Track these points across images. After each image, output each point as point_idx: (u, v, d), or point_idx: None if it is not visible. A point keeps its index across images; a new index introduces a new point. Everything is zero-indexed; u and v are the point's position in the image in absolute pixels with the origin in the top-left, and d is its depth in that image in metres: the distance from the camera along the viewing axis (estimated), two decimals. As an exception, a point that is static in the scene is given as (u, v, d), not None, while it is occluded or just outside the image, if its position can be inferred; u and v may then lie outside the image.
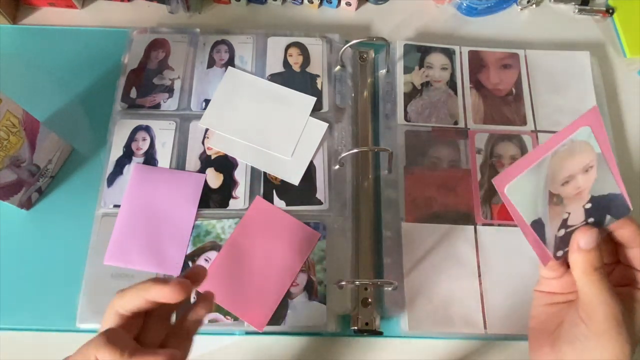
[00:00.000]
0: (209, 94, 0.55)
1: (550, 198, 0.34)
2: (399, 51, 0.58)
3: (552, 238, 0.34)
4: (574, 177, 0.33)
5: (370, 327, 0.46)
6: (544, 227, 0.34)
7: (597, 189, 0.34)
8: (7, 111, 0.43)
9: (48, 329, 0.47)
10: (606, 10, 0.63)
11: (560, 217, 0.34)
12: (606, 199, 0.34)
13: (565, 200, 0.34)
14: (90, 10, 0.62)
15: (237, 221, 0.49)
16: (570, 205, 0.34)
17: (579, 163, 0.33)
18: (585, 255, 0.33)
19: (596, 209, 0.34)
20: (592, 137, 0.32)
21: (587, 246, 0.33)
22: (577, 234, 0.34)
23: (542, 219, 0.34)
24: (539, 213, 0.34)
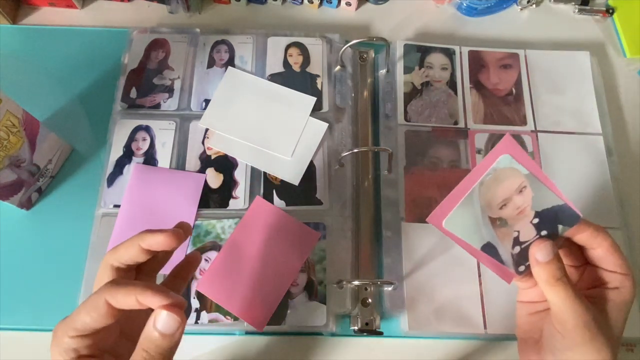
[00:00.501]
0: (209, 94, 0.55)
1: (493, 222, 0.35)
2: (399, 51, 0.58)
3: (509, 256, 0.35)
4: (510, 199, 0.34)
5: (370, 327, 0.46)
6: (496, 248, 0.35)
7: (539, 204, 0.34)
8: (7, 111, 0.43)
9: (48, 329, 0.46)
10: (606, 10, 0.63)
11: (510, 236, 0.35)
12: (552, 211, 0.34)
13: (509, 221, 0.35)
14: (90, 10, 0.62)
15: (237, 221, 0.49)
16: (516, 224, 0.35)
17: (509, 187, 0.34)
18: (545, 267, 0.33)
19: (545, 222, 0.34)
20: (514, 162, 0.33)
21: (545, 259, 0.33)
22: (532, 248, 0.34)
23: (492, 242, 0.35)
24: (487, 237, 0.35)
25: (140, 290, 0.29)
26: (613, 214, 0.51)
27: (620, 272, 0.34)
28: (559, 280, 0.33)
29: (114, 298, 0.29)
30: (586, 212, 0.51)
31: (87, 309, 0.30)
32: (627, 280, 0.34)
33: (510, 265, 0.35)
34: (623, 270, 0.34)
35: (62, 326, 0.31)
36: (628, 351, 0.48)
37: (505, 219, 0.35)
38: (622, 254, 0.35)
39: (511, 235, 0.35)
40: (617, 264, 0.34)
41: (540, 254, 0.34)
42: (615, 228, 0.51)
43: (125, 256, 0.33)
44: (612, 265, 0.35)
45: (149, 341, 0.29)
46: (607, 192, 0.52)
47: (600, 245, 0.34)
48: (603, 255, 0.35)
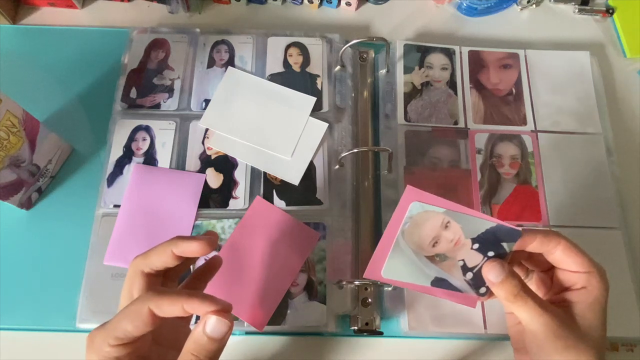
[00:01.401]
0: (209, 94, 0.55)
1: (432, 259, 0.36)
2: (399, 51, 0.58)
3: (464, 283, 0.36)
4: (439, 236, 0.35)
5: (370, 327, 0.46)
6: (447, 280, 0.36)
7: (471, 232, 0.35)
8: (7, 111, 0.43)
9: (48, 329, 0.47)
10: (606, 10, 0.63)
11: (456, 266, 0.36)
12: (489, 233, 0.35)
13: (448, 254, 0.35)
14: (90, 10, 0.62)
15: (237, 221, 0.49)
16: (456, 254, 0.35)
17: (432, 227, 0.35)
18: (500, 286, 0.34)
19: (486, 245, 0.35)
20: (426, 206, 0.34)
21: (497, 279, 0.34)
22: (484, 271, 0.35)
23: (439, 276, 0.36)
24: (432, 273, 0.36)
25: (186, 298, 0.29)
26: (613, 214, 0.51)
27: (583, 271, 0.34)
28: (517, 295, 0.33)
29: (158, 307, 0.30)
30: (586, 212, 0.51)
31: (130, 317, 0.30)
32: (592, 278, 0.34)
33: (470, 291, 0.36)
34: (585, 268, 0.34)
35: (101, 334, 0.31)
36: (628, 351, 0.48)
37: (442, 253, 0.35)
38: (582, 252, 0.35)
39: (457, 265, 0.36)
40: (577, 262, 0.34)
41: (492, 275, 0.34)
42: (615, 228, 0.51)
43: (157, 262, 0.33)
44: (573, 266, 0.34)
45: (199, 345, 0.29)
46: (607, 192, 0.52)
47: (555, 249, 0.34)
48: (561, 257, 0.35)
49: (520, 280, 0.34)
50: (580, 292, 0.34)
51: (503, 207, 0.51)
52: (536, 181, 0.52)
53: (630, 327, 0.47)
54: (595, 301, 0.34)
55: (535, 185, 0.52)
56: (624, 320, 0.47)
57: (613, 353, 0.48)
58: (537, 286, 0.38)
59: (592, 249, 0.50)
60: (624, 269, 0.49)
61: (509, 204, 0.51)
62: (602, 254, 0.49)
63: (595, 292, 0.34)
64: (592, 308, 0.34)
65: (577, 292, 0.34)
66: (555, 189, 0.52)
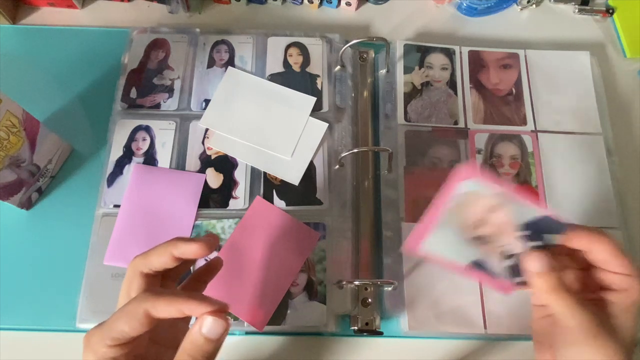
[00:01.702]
0: (209, 94, 0.55)
1: (475, 241, 0.35)
2: (399, 51, 0.58)
3: (503, 270, 0.35)
4: (484, 219, 0.34)
5: (370, 327, 0.46)
6: (486, 264, 0.35)
7: (519, 218, 0.34)
8: (7, 111, 0.43)
9: (48, 329, 0.47)
10: (606, 10, 0.63)
11: (497, 251, 0.35)
12: (536, 222, 0.34)
13: (492, 237, 0.35)
14: (90, 10, 0.62)
15: (237, 221, 0.49)
16: (500, 239, 0.35)
17: (481, 209, 0.34)
18: (540, 278, 0.33)
19: (532, 234, 0.34)
20: (480, 185, 0.34)
21: (538, 270, 0.33)
22: (525, 261, 0.34)
23: (479, 259, 0.35)
24: (472, 255, 0.35)
25: (183, 300, 0.29)
26: (613, 214, 0.51)
27: (625, 274, 0.34)
28: (556, 289, 0.33)
29: (154, 308, 0.30)
30: (586, 212, 0.51)
31: (125, 318, 0.30)
32: (634, 282, 0.33)
33: (507, 277, 0.35)
34: (628, 271, 0.34)
35: (97, 334, 0.31)
36: (628, 351, 0.48)
37: (486, 236, 0.35)
38: (626, 254, 0.34)
39: (498, 250, 0.35)
40: (620, 265, 0.34)
41: (533, 266, 0.34)
42: (615, 228, 0.51)
43: (157, 263, 0.33)
44: (616, 267, 0.34)
45: (195, 346, 0.29)
46: (607, 192, 0.52)
47: (600, 249, 0.34)
48: (605, 258, 0.34)
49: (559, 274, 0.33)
50: (620, 294, 0.34)
51: (503, 207, 0.51)
52: (536, 181, 0.52)
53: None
54: (633, 304, 0.34)
55: (535, 185, 0.52)
56: (624, 320, 0.47)
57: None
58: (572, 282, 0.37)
59: (592, 249, 0.50)
60: (624, 269, 0.49)
61: (509, 204, 0.51)
62: (602, 254, 0.50)
63: (635, 295, 0.33)
64: (629, 310, 0.34)
65: (617, 293, 0.34)
66: (555, 189, 0.52)
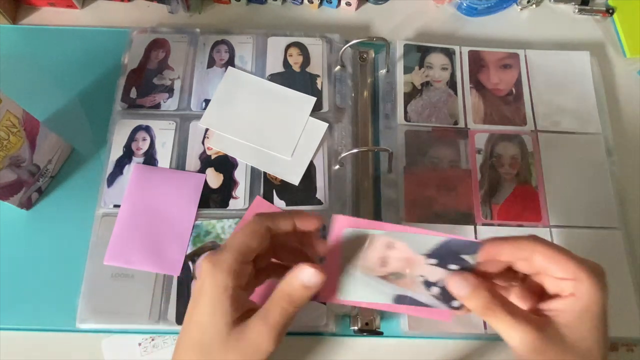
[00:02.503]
0: (209, 94, 0.55)
1: (387, 278, 0.34)
2: (399, 51, 0.58)
3: (431, 298, 0.34)
4: (386, 257, 0.34)
5: (370, 327, 0.46)
6: (411, 296, 0.34)
7: (422, 248, 0.33)
8: (7, 111, 0.43)
9: (48, 329, 0.47)
10: (606, 10, 0.63)
11: (416, 282, 0.34)
12: (443, 248, 0.33)
13: (404, 271, 0.34)
14: (90, 10, 0.62)
15: (237, 221, 0.49)
16: (412, 271, 0.34)
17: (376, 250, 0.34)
18: (468, 299, 0.32)
19: (444, 259, 0.33)
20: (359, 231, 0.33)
21: (462, 292, 0.32)
22: (448, 286, 0.33)
23: (401, 292, 0.34)
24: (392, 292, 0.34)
25: (297, 215, 0.35)
26: (613, 214, 0.51)
27: (568, 278, 0.31)
28: (488, 308, 0.31)
29: (274, 223, 0.34)
30: (586, 212, 0.51)
31: (251, 235, 0.34)
32: (581, 284, 0.30)
33: (441, 305, 0.34)
34: (570, 274, 0.30)
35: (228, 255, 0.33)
36: (628, 351, 0.48)
37: (396, 272, 0.34)
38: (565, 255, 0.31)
39: (417, 281, 0.34)
40: (560, 269, 0.31)
41: (455, 289, 0.33)
42: (615, 228, 0.51)
43: (283, 226, 0.35)
44: (557, 272, 0.31)
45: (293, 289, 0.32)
46: (607, 192, 0.52)
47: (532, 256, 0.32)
48: (542, 264, 0.31)
49: (491, 291, 0.32)
50: (568, 300, 0.31)
51: (503, 207, 0.51)
52: (536, 181, 0.53)
53: (630, 327, 0.47)
54: (585, 309, 0.30)
55: (535, 185, 0.52)
56: (624, 320, 0.47)
57: (613, 353, 0.48)
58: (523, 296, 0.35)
59: (592, 249, 0.50)
60: (624, 269, 0.49)
61: (509, 204, 0.51)
62: (602, 254, 0.49)
63: (585, 299, 0.30)
64: (581, 317, 0.30)
65: (564, 300, 0.31)
66: (555, 189, 0.52)
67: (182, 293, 0.47)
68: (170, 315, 0.46)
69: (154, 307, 0.46)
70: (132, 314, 0.46)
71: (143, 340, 0.47)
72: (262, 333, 0.31)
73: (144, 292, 0.47)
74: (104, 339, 0.47)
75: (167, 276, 0.47)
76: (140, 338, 0.47)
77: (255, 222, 0.34)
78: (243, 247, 0.33)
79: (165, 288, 0.47)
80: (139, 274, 0.47)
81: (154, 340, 0.47)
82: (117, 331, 0.47)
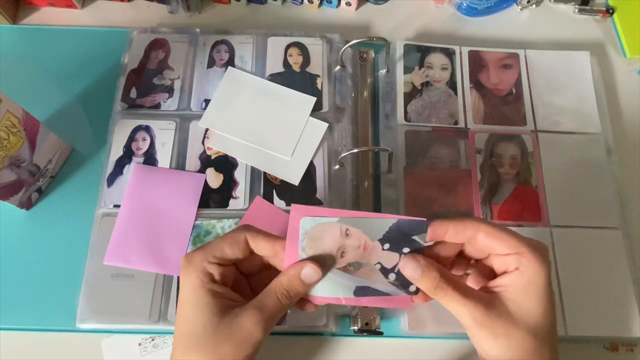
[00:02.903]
0: (209, 94, 0.55)
1: (346, 270, 0.35)
2: (399, 51, 0.58)
3: (390, 286, 0.35)
4: (343, 245, 0.34)
5: (370, 327, 0.46)
6: (371, 286, 0.35)
7: (376, 233, 0.34)
8: (7, 111, 0.43)
9: (48, 329, 0.47)
10: (606, 10, 0.63)
11: (374, 271, 0.35)
12: (394, 230, 0.34)
13: (361, 260, 0.34)
14: (90, 10, 0.62)
15: (237, 221, 0.49)
16: (370, 258, 0.34)
17: (333, 238, 0.34)
18: (420, 280, 0.33)
19: (397, 242, 0.34)
20: (317, 219, 0.34)
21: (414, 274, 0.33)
22: (401, 269, 0.34)
23: (361, 283, 0.35)
24: (352, 283, 0.35)
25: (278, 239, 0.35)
26: (613, 214, 0.51)
27: (511, 253, 0.32)
28: (437, 287, 0.33)
29: (253, 240, 0.35)
30: (586, 212, 0.51)
31: (228, 242, 0.34)
32: (523, 258, 0.32)
33: (399, 292, 0.35)
34: (513, 249, 0.32)
35: (201, 253, 0.34)
36: (628, 351, 0.48)
37: (354, 261, 0.34)
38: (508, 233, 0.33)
39: (375, 269, 0.35)
40: (503, 245, 0.33)
41: (408, 271, 0.34)
42: (615, 228, 0.51)
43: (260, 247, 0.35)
44: (501, 249, 0.33)
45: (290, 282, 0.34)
46: (607, 192, 0.52)
47: (476, 235, 0.33)
48: (486, 242, 0.33)
49: (440, 271, 0.33)
50: (512, 275, 0.32)
51: (503, 207, 0.51)
52: (536, 181, 0.53)
53: (630, 327, 0.47)
54: (529, 282, 0.32)
55: (535, 185, 0.52)
56: (624, 320, 0.47)
57: (613, 353, 0.48)
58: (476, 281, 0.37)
59: (592, 249, 0.50)
60: (624, 269, 0.49)
61: (509, 204, 0.51)
62: (602, 254, 0.50)
63: (528, 272, 0.32)
64: (525, 290, 0.32)
65: (510, 275, 0.33)
66: (555, 189, 0.52)
67: (182, 293, 0.47)
68: (170, 315, 0.46)
69: (154, 307, 0.46)
70: (132, 314, 0.46)
71: (143, 340, 0.47)
72: (255, 322, 0.32)
73: (144, 292, 0.47)
74: (104, 339, 0.47)
75: (167, 276, 0.47)
76: (140, 338, 0.47)
77: (237, 231, 0.35)
78: (217, 250, 0.34)
79: (165, 288, 0.47)
80: (139, 274, 0.47)
81: (154, 340, 0.47)
82: (117, 331, 0.47)
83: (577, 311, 0.47)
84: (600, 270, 0.49)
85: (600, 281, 0.48)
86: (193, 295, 0.33)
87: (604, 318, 0.47)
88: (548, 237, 0.50)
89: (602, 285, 0.48)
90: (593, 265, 0.49)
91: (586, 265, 0.49)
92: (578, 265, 0.49)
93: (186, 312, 0.33)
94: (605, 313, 0.47)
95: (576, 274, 0.48)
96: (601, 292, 0.48)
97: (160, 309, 0.46)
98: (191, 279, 0.33)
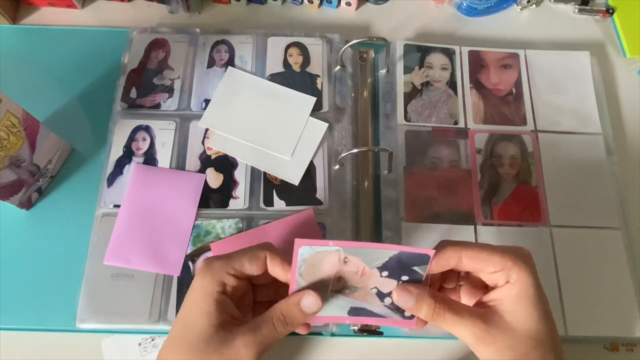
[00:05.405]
0: (209, 94, 0.55)
1: (343, 293, 0.35)
2: (399, 51, 0.58)
3: (385, 309, 0.35)
4: (341, 271, 0.34)
5: (370, 327, 0.46)
6: (366, 308, 0.35)
7: (375, 261, 0.34)
8: (7, 111, 0.43)
9: (48, 329, 0.47)
10: (606, 10, 0.63)
11: (370, 294, 0.35)
12: (394, 260, 0.33)
13: (357, 285, 0.35)
14: (90, 10, 0.62)
15: (237, 221, 0.49)
16: (366, 283, 0.35)
17: (330, 265, 0.34)
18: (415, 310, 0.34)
19: (397, 270, 0.34)
20: (315, 247, 0.33)
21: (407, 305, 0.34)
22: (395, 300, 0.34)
23: (356, 305, 0.35)
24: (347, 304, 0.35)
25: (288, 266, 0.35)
26: (613, 214, 0.51)
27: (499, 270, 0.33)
28: (435, 314, 0.33)
29: (271, 260, 0.35)
30: (586, 212, 0.51)
31: (249, 256, 0.35)
32: (511, 272, 0.33)
33: (395, 315, 0.35)
34: (498, 267, 0.33)
35: (222, 262, 0.35)
36: (628, 351, 0.48)
37: (350, 285, 0.35)
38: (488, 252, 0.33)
39: (371, 293, 0.35)
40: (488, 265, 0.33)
41: (401, 302, 0.34)
42: (615, 228, 0.51)
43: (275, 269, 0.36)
44: (488, 269, 0.34)
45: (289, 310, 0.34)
46: (607, 192, 0.52)
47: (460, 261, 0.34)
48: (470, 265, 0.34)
49: (434, 297, 0.33)
50: (504, 288, 0.33)
51: (503, 207, 0.51)
52: (536, 181, 0.53)
53: (630, 327, 0.47)
54: (521, 293, 0.32)
55: (535, 185, 0.52)
56: (624, 320, 0.47)
57: (613, 353, 0.48)
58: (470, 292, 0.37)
59: (592, 249, 0.50)
60: (624, 269, 0.49)
61: (509, 204, 0.51)
62: (602, 254, 0.50)
63: (518, 283, 0.32)
64: (519, 300, 0.32)
65: (501, 289, 0.33)
66: (555, 189, 0.52)
67: (182, 293, 0.47)
68: (170, 315, 0.46)
69: (154, 307, 0.46)
70: (132, 314, 0.46)
71: (143, 340, 0.47)
72: (246, 343, 0.32)
73: (144, 292, 0.47)
74: (104, 339, 0.47)
75: (167, 276, 0.47)
76: (140, 338, 0.47)
77: (258, 248, 0.36)
78: (238, 263, 0.35)
79: (165, 288, 0.47)
80: (139, 274, 0.47)
81: (154, 340, 0.47)
82: (117, 331, 0.47)
83: (577, 311, 0.47)
84: (600, 270, 0.49)
85: (600, 281, 0.48)
86: (201, 299, 0.33)
87: (604, 318, 0.47)
88: (548, 237, 0.50)
89: (602, 285, 0.48)
90: (593, 265, 0.49)
91: (586, 266, 0.49)
92: (578, 265, 0.49)
93: (187, 315, 0.34)
94: (605, 313, 0.47)
95: (576, 274, 0.48)
96: (601, 292, 0.48)
97: (160, 309, 0.46)
98: (205, 283, 0.34)
